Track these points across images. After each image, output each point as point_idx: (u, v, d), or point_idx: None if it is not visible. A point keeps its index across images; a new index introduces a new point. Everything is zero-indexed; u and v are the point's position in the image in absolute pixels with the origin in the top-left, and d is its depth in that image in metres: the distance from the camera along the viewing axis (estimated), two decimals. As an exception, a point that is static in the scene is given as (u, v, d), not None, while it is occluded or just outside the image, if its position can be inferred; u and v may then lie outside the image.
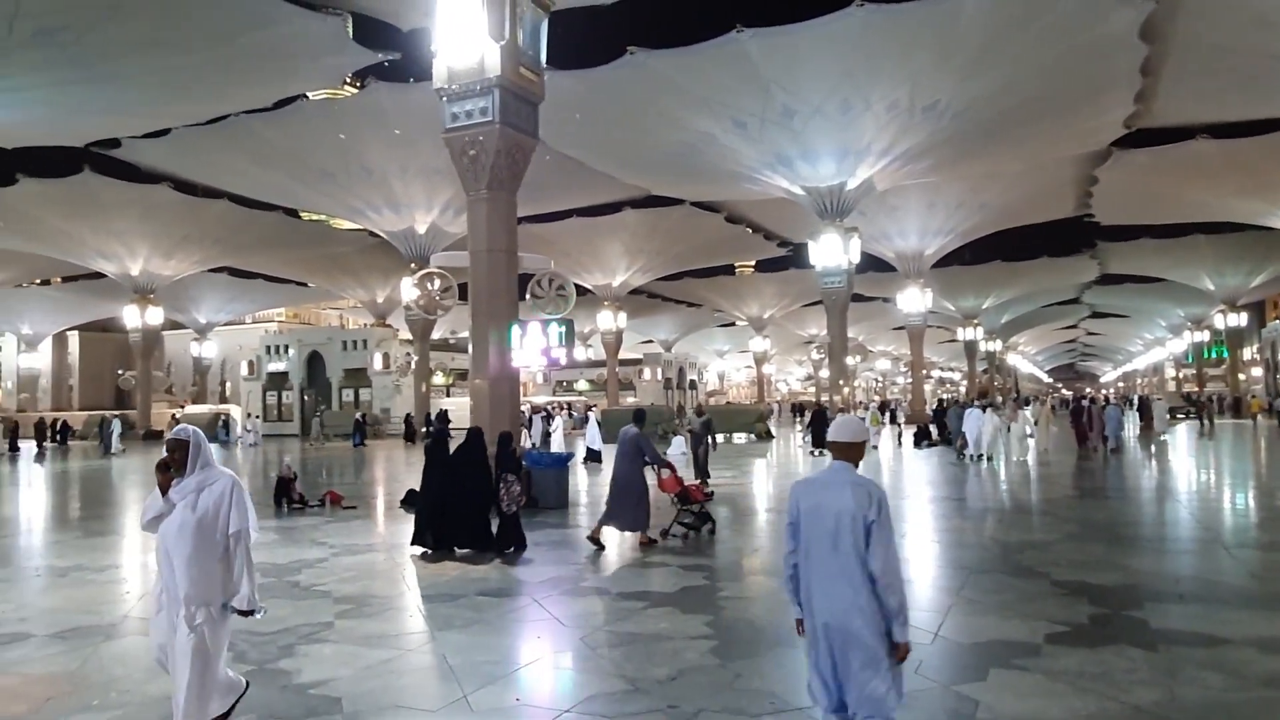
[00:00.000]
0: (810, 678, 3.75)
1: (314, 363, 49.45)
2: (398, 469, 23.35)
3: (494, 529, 10.37)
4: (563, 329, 13.79)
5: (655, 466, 10.84)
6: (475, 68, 13.68)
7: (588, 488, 17.17)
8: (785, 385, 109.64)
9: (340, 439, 37.70)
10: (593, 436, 25.13)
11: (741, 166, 31.23)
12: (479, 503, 10.32)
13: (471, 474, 10.52)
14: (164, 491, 4.30)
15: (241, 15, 21.66)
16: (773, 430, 36.59)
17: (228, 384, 66.09)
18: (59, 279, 57.58)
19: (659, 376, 68.04)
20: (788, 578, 3.81)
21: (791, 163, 30.15)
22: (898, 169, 30.83)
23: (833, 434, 3.85)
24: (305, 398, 49.00)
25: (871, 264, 44.53)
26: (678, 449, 26.21)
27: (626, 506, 10.47)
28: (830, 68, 25.15)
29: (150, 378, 49.20)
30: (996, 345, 76.53)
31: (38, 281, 57.39)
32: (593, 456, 23.08)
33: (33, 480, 23.44)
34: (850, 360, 43.69)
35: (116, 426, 34.00)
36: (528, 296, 15.05)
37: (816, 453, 25.14)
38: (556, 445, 26.09)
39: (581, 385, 70.98)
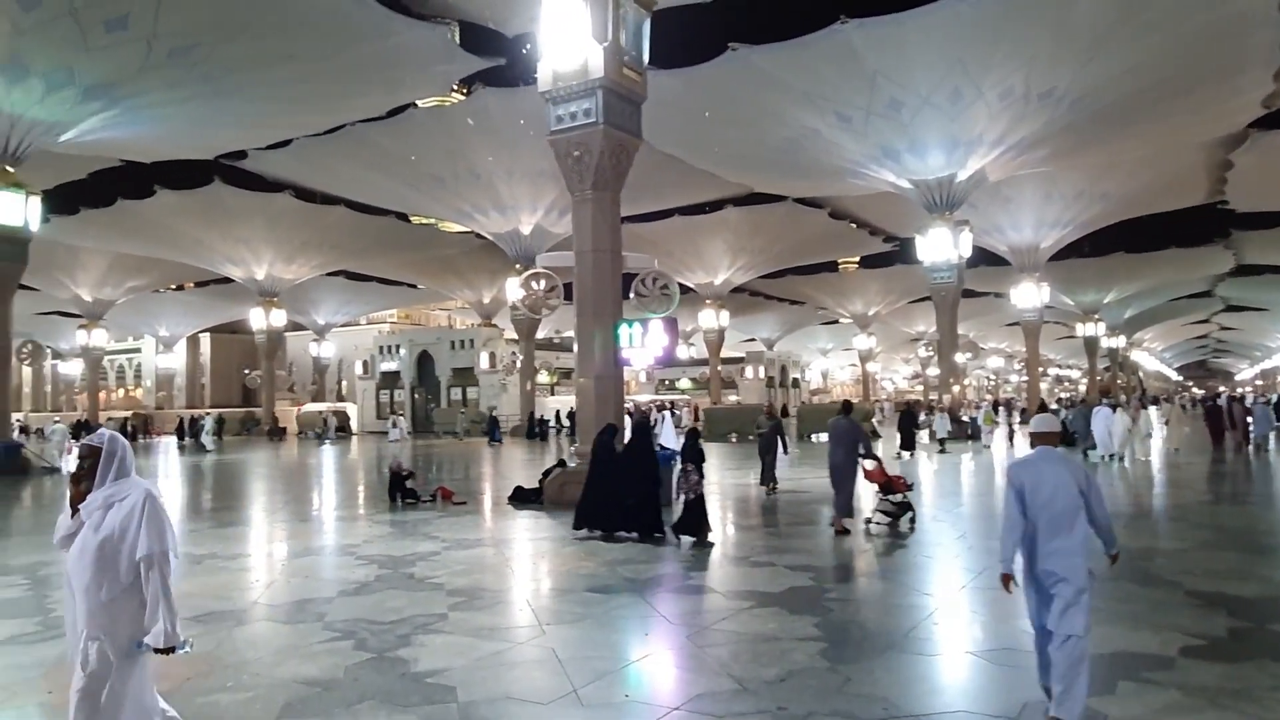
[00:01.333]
0: (1028, 603, 4.81)
1: (424, 362, 51.11)
2: (508, 466, 23.83)
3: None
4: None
5: (864, 457, 11.39)
6: (579, 69, 13.85)
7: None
8: (891, 383, 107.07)
9: (445, 435, 38.86)
10: (667, 435, 24.66)
11: (846, 161, 30.64)
12: (648, 491, 10.97)
13: (638, 465, 11.13)
14: (75, 507, 3.61)
15: (357, 29, 22.56)
16: (878, 429, 35.74)
17: (344, 383, 68.94)
18: (192, 284, 61.33)
19: (761, 375, 67.49)
20: (1009, 541, 4.73)
21: (898, 155, 29.41)
22: (1011, 159, 29.66)
23: (1033, 427, 5.10)
24: (416, 396, 50.69)
25: (983, 258, 43.03)
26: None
27: (842, 492, 11.09)
28: (940, 56, 24.41)
29: (274, 376, 51.85)
30: (1119, 341, 72.68)
31: (173, 287, 61.16)
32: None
33: (169, 472, 24.99)
34: (960, 358, 42.30)
35: (209, 424, 35.64)
36: (632, 295, 15.14)
37: (906, 455, 23.95)
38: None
39: (684, 384, 71.05)
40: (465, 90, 32.57)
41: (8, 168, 23.08)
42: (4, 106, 21.94)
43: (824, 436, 33.12)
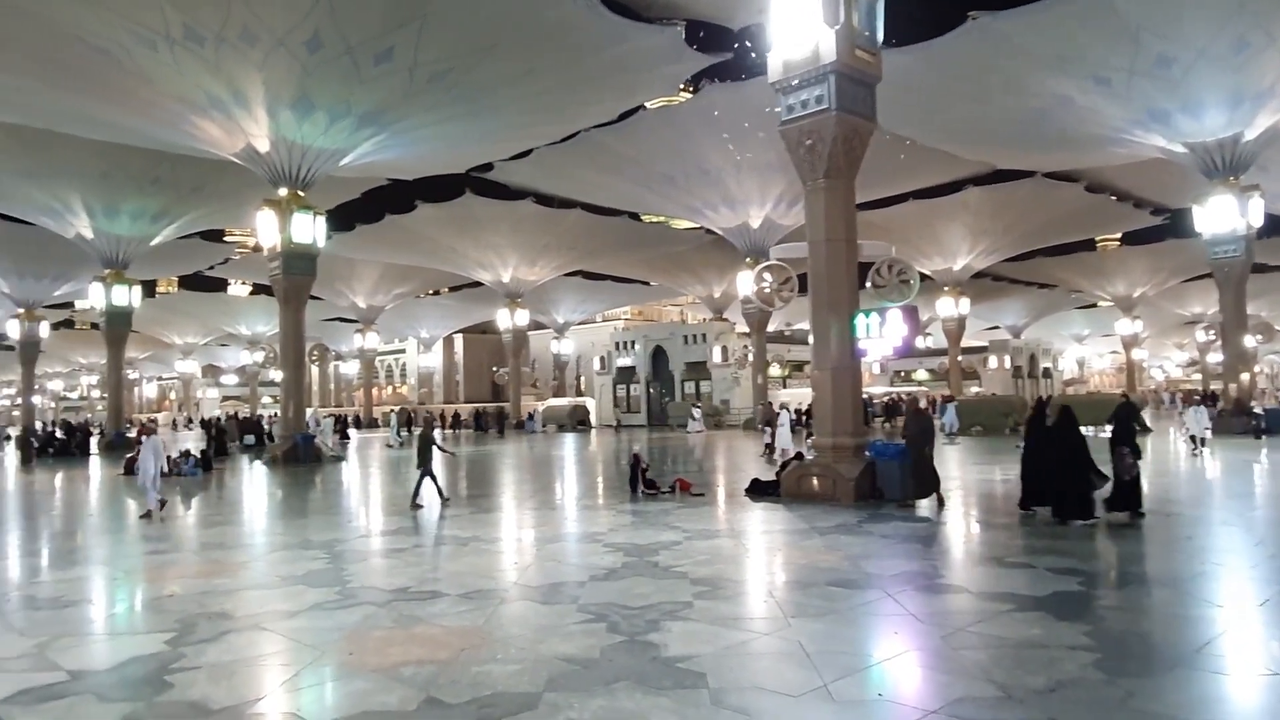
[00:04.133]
0: None
1: (658, 357, 52.47)
2: (744, 459, 23.93)
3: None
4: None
5: None
6: (810, 56, 13.61)
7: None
8: (1161, 372, 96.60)
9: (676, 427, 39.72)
10: (949, 422, 23.24)
11: (1105, 128, 27.95)
12: (1082, 475, 11.13)
13: (1070, 449, 11.26)
14: None
15: (592, 39, 23.53)
16: (1148, 423, 32.35)
17: (582, 378, 72.30)
18: (447, 289, 66.97)
19: (1007, 364, 63.25)
20: None
21: (1168, 117, 26.40)
22: (1313, 110, 25.74)
23: None
24: (650, 390, 52.18)
25: (1277, 227, 37.72)
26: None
27: None
28: (1218, 2, 21.64)
29: (520, 373, 55.36)
30: None
31: (431, 292, 67.06)
32: None
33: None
34: (1249, 341, 37.32)
35: (394, 420, 37.47)
36: (869, 284, 14.70)
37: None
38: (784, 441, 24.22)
39: (921, 375, 68.03)
40: (692, 88, 33.03)
41: (299, 193, 26.25)
42: (296, 138, 24.99)
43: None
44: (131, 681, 5.65)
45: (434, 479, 14.88)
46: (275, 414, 46.49)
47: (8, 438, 45.25)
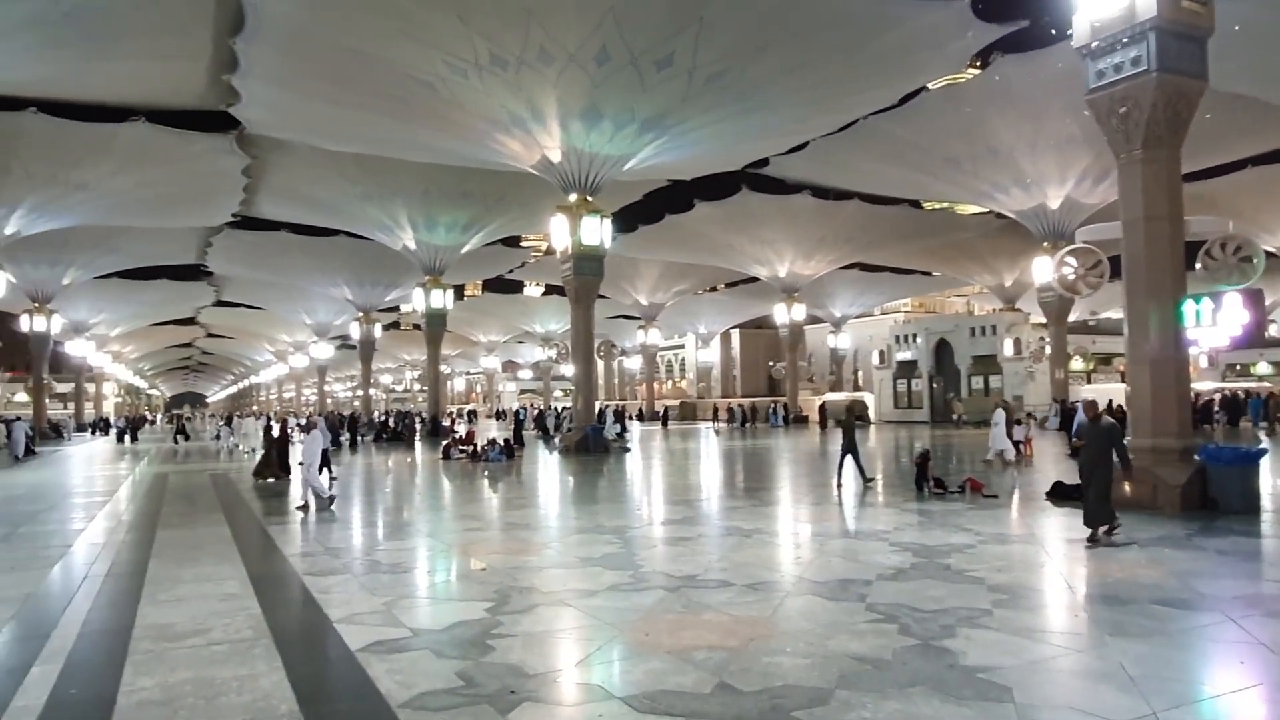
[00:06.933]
0: None
1: (941, 350, 49.91)
2: (1041, 460, 22.13)
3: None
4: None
5: None
6: (1124, 14, 12.23)
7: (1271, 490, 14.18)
8: None
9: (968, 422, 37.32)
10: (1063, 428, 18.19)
11: None
12: None
13: None
14: None
15: (869, 24, 22.80)
16: None
17: (860, 373, 70.38)
18: (723, 285, 68.12)
19: (1381, 356, 53.05)
20: None
21: None
22: None
23: None
24: (934, 385, 49.75)
25: None
26: None
27: None
28: None
29: (796, 368, 55.02)
30: None
31: (709, 289, 68.55)
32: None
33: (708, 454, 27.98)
34: None
35: (610, 416, 35.03)
36: (1198, 266, 12.98)
37: None
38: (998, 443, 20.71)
39: (1262, 368, 58.91)
40: (980, 63, 30.92)
41: (588, 198, 27.95)
42: (584, 148, 26.62)
43: None
44: (460, 642, 6.33)
45: (857, 459, 16.25)
46: (560, 408, 50.00)
47: (370, 423, 52.26)
